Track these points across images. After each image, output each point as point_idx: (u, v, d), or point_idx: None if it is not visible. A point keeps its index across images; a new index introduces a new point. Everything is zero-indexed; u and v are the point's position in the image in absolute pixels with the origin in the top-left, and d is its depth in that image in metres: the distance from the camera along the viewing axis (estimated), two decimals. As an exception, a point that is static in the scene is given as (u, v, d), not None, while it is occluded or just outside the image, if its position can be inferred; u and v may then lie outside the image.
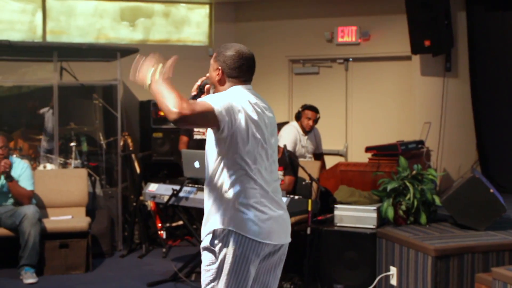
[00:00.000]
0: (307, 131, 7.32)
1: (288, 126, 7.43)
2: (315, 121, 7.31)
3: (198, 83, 3.39)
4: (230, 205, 3.11)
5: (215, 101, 2.97)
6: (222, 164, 3.13)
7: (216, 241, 3.13)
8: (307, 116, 7.27)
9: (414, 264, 5.03)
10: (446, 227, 5.55)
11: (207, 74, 3.34)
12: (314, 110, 7.31)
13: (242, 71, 3.24)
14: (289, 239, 3.32)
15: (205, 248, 3.20)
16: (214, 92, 3.27)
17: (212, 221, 3.15)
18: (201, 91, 3.37)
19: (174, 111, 2.81)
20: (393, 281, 5.29)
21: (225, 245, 3.10)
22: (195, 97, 3.35)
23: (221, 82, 3.24)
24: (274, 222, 3.17)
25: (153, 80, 2.96)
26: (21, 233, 6.34)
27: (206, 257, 3.20)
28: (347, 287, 5.57)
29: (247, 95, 3.19)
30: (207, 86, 3.34)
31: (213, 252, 3.16)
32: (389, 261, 5.36)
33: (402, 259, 5.18)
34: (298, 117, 7.37)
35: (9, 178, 6.48)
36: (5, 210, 6.50)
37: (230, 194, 3.11)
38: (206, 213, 3.21)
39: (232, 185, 3.11)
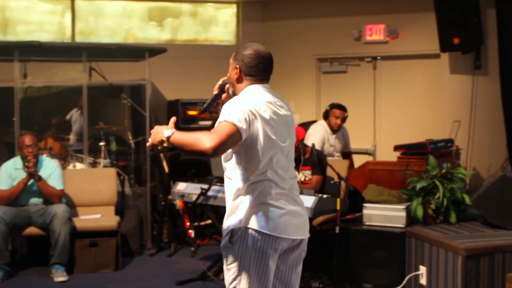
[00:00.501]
0: (335, 130, 7.30)
1: (316, 125, 7.42)
2: (343, 119, 7.29)
3: (220, 82, 3.48)
4: (246, 204, 3.18)
5: (233, 117, 3.04)
6: (237, 165, 3.22)
7: (234, 239, 3.20)
8: (335, 115, 7.25)
9: (444, 263, 4.99)
10: (476, 226, 5.50)
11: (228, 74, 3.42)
12: (342, 108, 7.28)
13: (259, 69, 3.31)
14: (307, 235, 3.36)
15: (225, 247, 3.26)
16: (233, 91, 3.37)
17: (229, 221, 3.24)
18: (222, 91, 3.46)
19: (206, 148, 2.91)
20: (423, 281, 5.26)
21: (243, 242, 3.17)
22: (217, 96, 3.48)
23: (239, 80, 3.32)
24: (291, 217, 3.23)
25: (167, 136, 3.09)
26: (51, 232, 6.40)
27: (226, 256, 3.26)
28: (376, 286, 5.55)
29: (263, 95, 3.28)
30: (227, 85, 3.42)
31: (232, 250, 3.21)
32: (419, 260, 5.33)
33: (432, 258, 5.14)
34: (326, 116, 7.35)
35: (37, 177, 6.54)
36: (35, 209, 6.57)
37: (246, 193, 3.20)
38: (226, 213, 3.29)
39: (248, 185, 3.19)
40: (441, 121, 8.38)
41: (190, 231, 7.54)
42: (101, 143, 7.85)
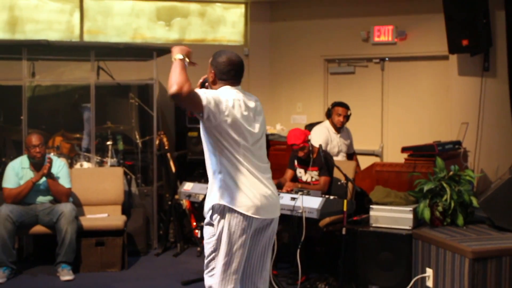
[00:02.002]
0: (338, 127, 7.27)
1: (318, 127, 7.37)
2: (346, 117, 7.26)
3: (201, 80, 3.95)
4: (223, 185, 3.66)
5: (206, 95, 3.53)
6: (214, 152, 3.70)
7: (214, 216, 3.67)
8: (338, 113, 7.23)
9: (450, 266, 4.97)
10: (483, 229, 5.48)
11: None
12: (344, 106, 7.27)
13: (231, 75, 3.79)
14: (277, 214, 3.85)
15: (206, 224, 3.74)
16: (209, 87, 3.85)
17: (210, 198, 3.71)
18: (203, 87, 3.92)
19: (175, 87, 3.43)
20: (429, 283, 5.24)
21: (221, 218, 3.64)
22: None
23: (214, 82, 3.83)
24: (264, 199, 3.70)
25: (177, 58, 3.60)
26: (58, 231, 6.41)
27: (207, 232, 3.73)
28: (382, 288, 5.54)
29: (233, 94, 3.73)
30: (206, 83, 3.92)
31: (212, 226, 3.69)
32: (425, 262, 5.31)
33: (439, 260, 5.12)
34: (328, 115, 7.34)
35: (49, 175, 6.55)
36: (42, 207, 6.58)
37: (222, 175, 3.67)
38: (207, 194, 3.77)
39: (224, 168, 3.67)
40: (449, 123, 8.35)
41: (197, 231, 7.54)
42: (108, 142, 7.86)
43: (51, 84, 8.78)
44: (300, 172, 6.38)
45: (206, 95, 3.51)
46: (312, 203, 5.47)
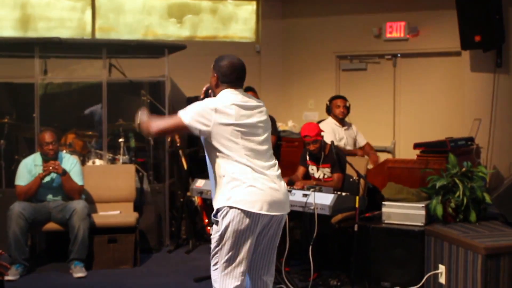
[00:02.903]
0: (341, 118, 7.28)
1: (321, 125, 7.34)
2: (346, 108, 7.28)
3: (204, 88, 4.13)
4: (226, 186, 3.75)
5: (187, 114, 3.76)
6: (214, 155, 3.81)
7: (219, 214, 3.75)
8: (337, 105, 7.30)
9: (463, 262, 4.95)
10: (496, 226, 5.45)
11: None
12: (342, 97, 7.33)
13: (233, 77, 3.91)
14: (286, 211, 3.91)
15: (213, 221, 3.82)
16: (214, 95, 3.99)
17: (216, 202, 3.81)
18: (206, 95, 4.09)
19: (149, 132, 3.85)
20: (442, 280, 5.23)
21: (225, 217, 3.71)
22: (203, 100, 4.00)
23: (217, 86, 3.95)
24: (269, 196, 3.75)
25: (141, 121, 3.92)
26: (70, 228, 6.43)
27: (213, 229, 3.81)
28: (395, 285, 5.52)
29: (232, 97, 3.84)
30: (209, 90, 4.08)
31: (217, 223, 3.77)
32: (438, 259, 5.29)
33: (451, 257, 5.11)
34: (328, 111, 7.36)
35: (61, 171, 6.56)
36: (55, 205, 6.60)
37: (224, 177, 3.77)
38: (213, 196, 3.91)
39: (225, 169, 3.77)
40: (462, 119, 8.32)
41: (209, 228, 7.55)
42: (120, 140, 7.87)
43: (63, 81, 8.79)
44: (312, 169, 6.37)
45: (186, 115, 3.75)
46: (324, 199, 5.47)
